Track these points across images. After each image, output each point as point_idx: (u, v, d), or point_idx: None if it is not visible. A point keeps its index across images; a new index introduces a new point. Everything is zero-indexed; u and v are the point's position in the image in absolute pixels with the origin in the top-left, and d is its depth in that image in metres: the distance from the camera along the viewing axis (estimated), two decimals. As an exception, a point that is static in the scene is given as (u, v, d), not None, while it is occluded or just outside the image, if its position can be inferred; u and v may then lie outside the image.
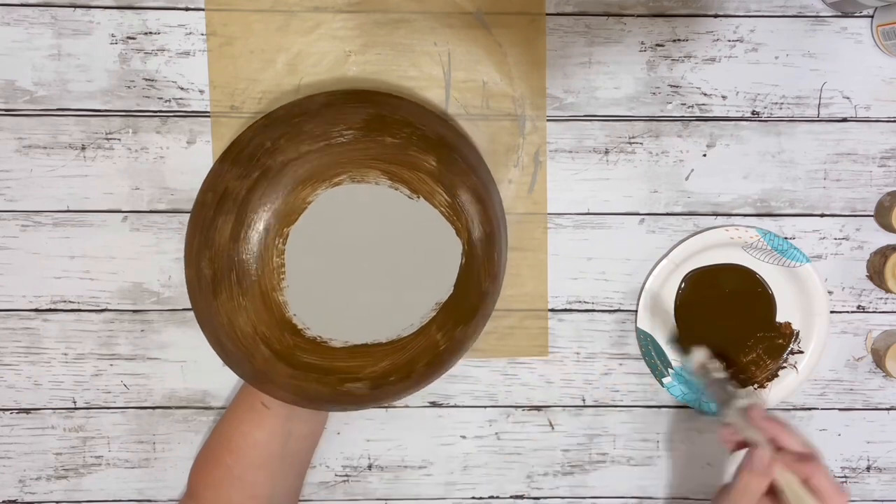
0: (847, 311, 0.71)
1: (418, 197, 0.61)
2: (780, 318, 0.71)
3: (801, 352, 0.70)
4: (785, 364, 0.71)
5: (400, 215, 0.61)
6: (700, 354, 0.66)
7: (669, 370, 0.70)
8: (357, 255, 0.61)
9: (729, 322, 0.70)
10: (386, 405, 0.68)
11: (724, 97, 0.69)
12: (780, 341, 0.71)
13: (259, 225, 0.59)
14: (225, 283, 0.60)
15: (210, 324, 0.61)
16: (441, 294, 0.62)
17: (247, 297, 0.60)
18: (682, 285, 0.70)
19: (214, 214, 0.60)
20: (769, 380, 0.71)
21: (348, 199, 0.60)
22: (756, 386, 0.71)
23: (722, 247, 0.69)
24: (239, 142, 0.61)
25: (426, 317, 0.62)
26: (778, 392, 0.70)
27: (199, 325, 0.62)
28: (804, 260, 0.69)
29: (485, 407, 0.71)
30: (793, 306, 0.70)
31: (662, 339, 0.70)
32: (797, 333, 0.71)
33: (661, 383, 0.70)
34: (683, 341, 0.69)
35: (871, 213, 0.70)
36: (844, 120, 0.69)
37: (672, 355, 0.70)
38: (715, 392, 0.64)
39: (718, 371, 0.65)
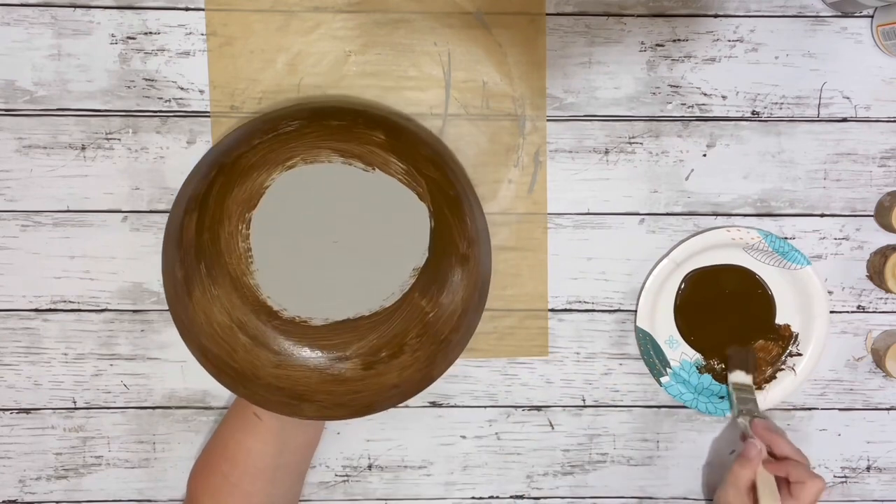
0: (847, 311, 0.71)
1: (373, 168, 0.61)
2: (780, 320, 0.71)
3: (800, 354, 0.70)
4: (783, 366, 0.71)
5: (359, 189, 0.61)
6: (745, 378, 0.70)
7: (667, 370, 0.70)
8: (324, 233, 0.61)
9: (728, 323, 0.70)
10: (395, 402, 0.64)
11: (724, 97, 0.69)
12: (780, 343, 0.71)
13: (219, 212, 0.61)
14: (196, 278, 0.60)
15: (190, 330, 0.61)
16: (417, 259, 0.61)
17: (218, 286, 0.60)
18: (682, 285, 0.70)
19: (182, 218, 0.62)
20: (767, 381, 0.71)
21: (305, 179, 0.61)
22: (754, 387, 0.71)
23: (723, 247, 0.69)
24: (201, 160, 0.65)
25: (406, 284, 0.61)
26: (776, 393, 0.70)
27: (182, 339, 0.62)
28: (805, 262, 0.69)
29: (485, 407, 0.71)
30: (793, 308, 0.70)
31: (662, 338, 0.70)
32: (796, 336, 0.71)
33: (659, 382, 0.70)
34: (739, 362, 0.71)
35: (871, 213, 0.70)
36: (844, 120, 0.69)
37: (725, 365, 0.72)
38: (740, 406, 0.68)
39: (751, 392, 0.69)
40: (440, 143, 0.67)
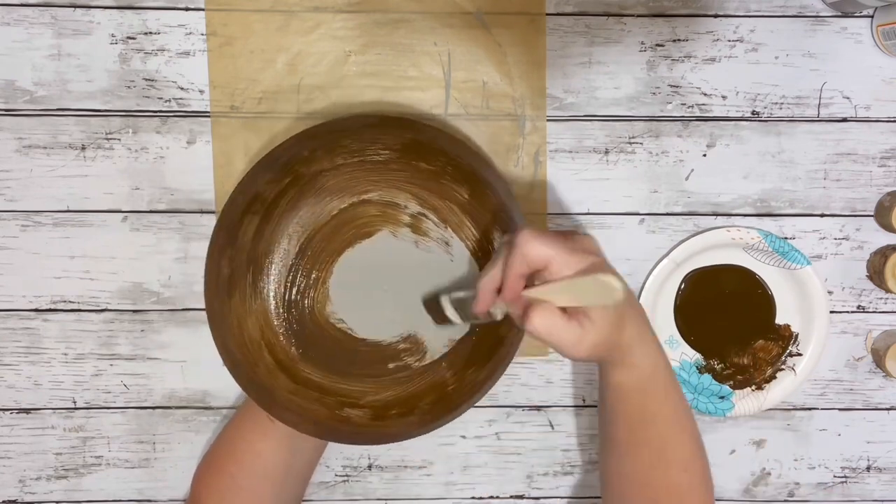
0: (847, 311, 0.71)
1: (446, 227, 0.61)
2: (780, 320, 0.71)
3: (800, 354, 0.70)
4: (783, 366, 0.71)
5: (427, 246, 0.61)
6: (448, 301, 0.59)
7: (669, 370, 0.70)
8: (377, 278, 0.61)
9: (728, 323, 0.70)
10: (386, 442, 0.64)
11: (724, 97, 0.69)
12: (780, 343, 0.71)
13: (281, 227, 0.59)
14: (240, 283, 0.60)
15: (221, 326, 0.61)
16: (457, 332, 0.62)
17: (258, 301, 0.60)
18: (682, 285, 0.70)
19: (241, 214, 0.60)
20: (767, 381, 0.71)
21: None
22: (754, 387, 0.71)
23: (723, 247, 0.69)
24: (277, 150, 0.61)
25: (437, 352, 0.62)
26: (776, 393, 0.70)
27: (209, 328, 0.61)
28: (805, 262, 0.69)
29: (485, 407, 0.71)
30: (792, 308, 0.70)
31: (662, 338, 0.70)
32: (796, 336, 0.71)
33: (661, 383, 0.70)
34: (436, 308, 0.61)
35: (871, 213, 0.70)
36: (844, 120, 0.69)
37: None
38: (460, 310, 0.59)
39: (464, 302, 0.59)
40: (513, 202, 0.65)
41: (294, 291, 0.60)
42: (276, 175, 0.60)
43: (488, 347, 0.62)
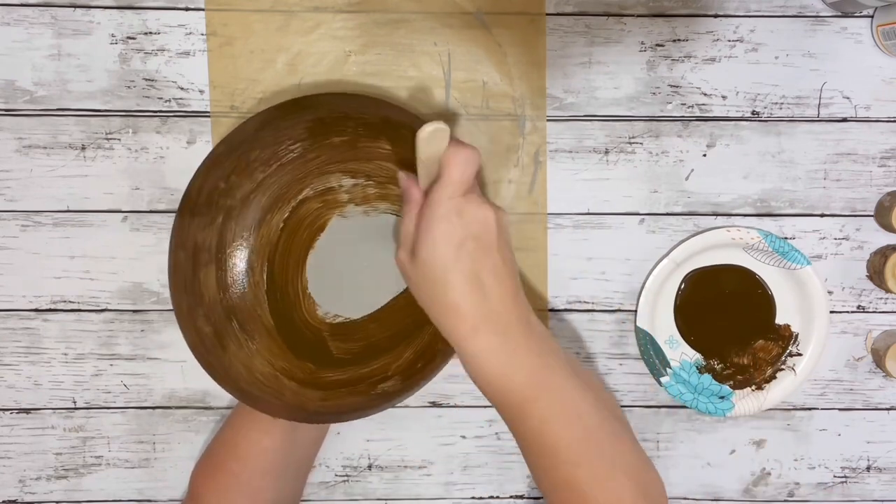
0: (847, 311, 0.71)
1: (383, 185, 0.60)
2: (780, 320, 0.71)
3: (800, 354, 0.70)
4: (783, 366, 0.71)
5: (374, 211, 0.61)
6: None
7: (668, 369, 0.70)
8: (352, 261, 0.61)
9: (728, 323, 0.70)
10: (424, 385, 0.64)
11: (724, 97, 0.69)
12: (780, 343, 0.71)
13: (241, 266, 0.59)
14: (228, 333, 0.59)
15: (226, 377, 0.60)
16: None
17: (255, 340, 0.59)
18: (682, 285, 0.70)
19: (194, 270, 0.58)
20: (767, 381, 0.71)
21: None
22: (754, 387, 0.71)
23: (723, 247, 0.69)
24: (191, 190, 0.59)
25: None
26: (776, 393, 0.70)
27: (216, 382, 0.60)
28: (805, 262, 0.69)
29: (485, 407, 0.71)
30: (792, 308, 0.70)
31: (662, 338, 0.70)
32: (796, 336, 0.71)
33: (659, 382, 0.70)
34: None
35: (871, 213, 0.70)
36: (844, 120, 0.69)
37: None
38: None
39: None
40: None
41: (282, 314, 0.60)
42: (207, 218, 0.58)
43: None
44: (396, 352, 0.62)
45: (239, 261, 0.58)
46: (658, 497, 0.56)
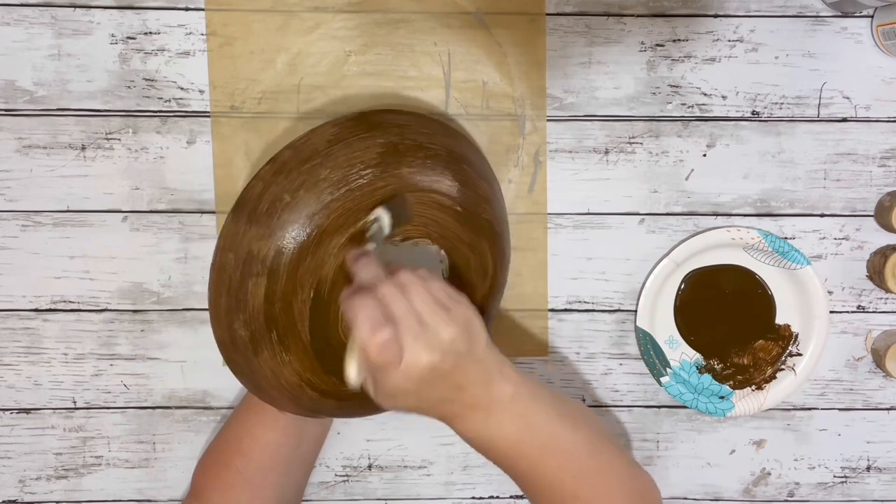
0: (847, 311, 0.71)
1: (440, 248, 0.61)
2: (780, 320, 0.71)
3: (800, 354, 0.70)
4: (783, 366, 0.71)
5: (422, 241, 0.61)
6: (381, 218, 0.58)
7: (668, 370, 0.70)
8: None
9: (728, 323, 0.70)
10: None
11: (724, 97, 0.69)
12: (780, 343, 0.71)
13: (293, 284, 0.57)
14: (265, 342, 0.58)
15: (251, 377, 0.60)
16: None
17: (291, 353, 0.58)
18: (682, 285, 0.70)
19: (242, 277, 0.56)
20: (767, 381, 0.71)
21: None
22: (754, 387, 0.71)
23: (723, 247, 0.69)
24: (251, 195, 0.57)
25: None
26: (776, 393, 0.70)
27: (234, 376, 0.60)
28: (804, 262, 0.69)
29: (485, 407, 0.71)
30: (792, 308, 0.70)
31: (661, 338, 0.70)
32: (796, 336, 0.71)
33: (659, 382, 0.70)
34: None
35: (871, 213, 0.70)
36: (844, 120, 0.69)
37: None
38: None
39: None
40: (485, 164, 0.65)
41: (321, 333, 0.59)
42: (266, 229, 0.56)
43: (495, 302, 0.64)
44: None
45: (291, 277, 0.57)
46: (652, 500, 0.59)
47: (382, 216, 0.57)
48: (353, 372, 0.52)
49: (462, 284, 0.62)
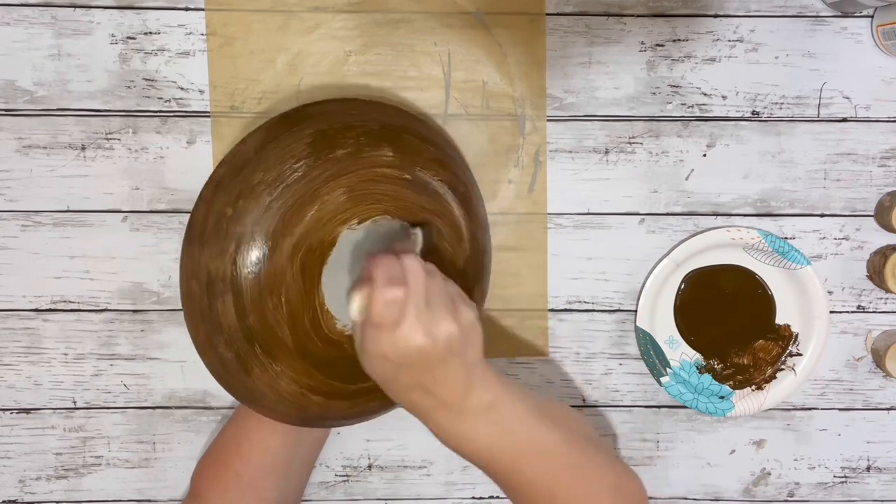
0: (847, 311, 0.71)
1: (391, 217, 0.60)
2: (780, 320, 0.71)
3: (800, 354, 0.70)
4: (783, 366, 0.71)
5: (384, 219, 0.61)
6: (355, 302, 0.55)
7: (668, 370, 0.70)
8: (357, 261, 0.61)
9: (728, 323, 0.70)
10: None
11: (724, 97, 0.69)
12: (780, 343, 0.71)
13: (258, 292, 0.57)
14: (251, 358, 0.58)
15: (250, 398, 0.60)
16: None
17: (279, 362, 0.58)
18: (682, 285, 0.70)
19: (210, 301, 0.57)
20: (767, 381, 0.71)
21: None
22: (754, 387, 0.71)
23: (722, 247, 0.69)
24: (197, 218, 0.57)
25: None
26: (776, 393, 0.70)
27: (240, 401, 0.61)
28: (805, 262, 0.69)
29: (485, 407, 0.71)
30: (792, 308, 0.70)
31: (661, 338, 0.70)
32: (796, 336, 0.71)
33: (659, 382, 0.70)
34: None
35: (871, 213, 0.70)
36: (844, 120, 0.69)
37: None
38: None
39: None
40: (442, 136, 0.65)
41: (303, 334, 0.59)
42: (218, 247, 0.56)
43: (479, 261, 0.64)
44: None
45: (255, 287, 0.57)
46: (632, 494, 0.59)
47: (418, 233, 0.59)
48: (355, 306, 0.51)
49: (439, 252, 0.62)
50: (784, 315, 0.71)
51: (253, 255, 0.56)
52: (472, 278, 0.64)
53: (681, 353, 0.71)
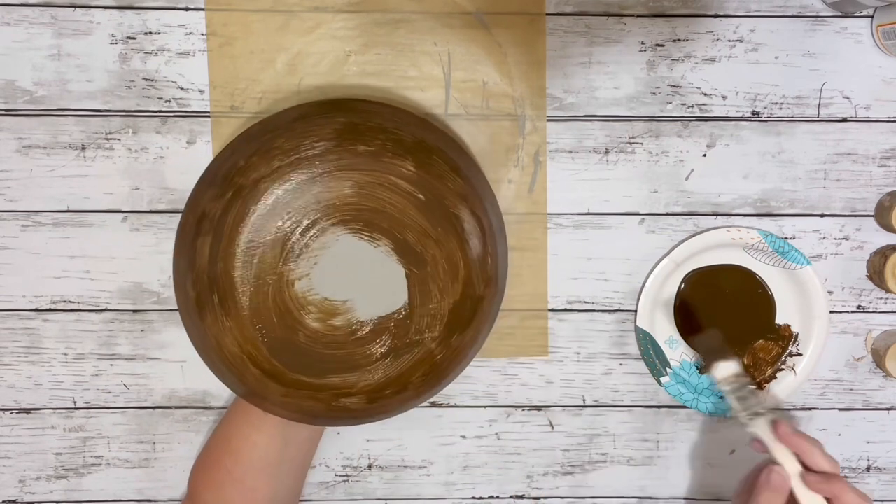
0: (847, 311, 0.71)
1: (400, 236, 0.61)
2: (780, 320, 0.71)
3: (800, 354, 0.70)
4: (783, 366, 0.71)
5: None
6: (730, 367, 0.63)
7: (667, 370, 0.70)
8: (342, 261, 0.61)
9: (728, 323, 0.70)
10: (386, 418, 0.65)
11: (724, 97, 0.69)
12: (780, 343, 0.71)
13: (235, 244, 0.59)
14: (208, 304, 0.60)
15: (201, 344, 0.62)
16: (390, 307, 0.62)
17: (231, 318, 0.60)
18: (682, 285, 0.70)
19: (194, 236, 0.60)
20: (767, 381, 0.71)
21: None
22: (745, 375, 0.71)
23: (723, 247, 0.69)
24: (216, 161, 0.61)
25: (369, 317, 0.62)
26: (776, 393, 0.70)
27: (193, 346, 0.63)
28: (805, 262, 0.69)
29: (485, 407, 0.71)
30: (792, 308, 0.70)
31: (661, 338, 0.70)
32: (796, 336, 0.71)
33: (659, 382, 0.70)
34: (716, 353, 0.65)
35: (871, 213, 0.70)
36: (844, 120, 0.69)
37: (701, 360, 0.69)
38: (741, 404, 0.63)
39: (745, 384, 0.63)
40: (473, 166, 0.65)
41: (263, 303, 0.60)
42: (219, 190, 0.60)
43: (469, 310, 0.63)
44: (369, 371, 0.62)
45: (235, 238, 0.59)
46: None
47: (723, 368, 0.63)
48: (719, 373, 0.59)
49: (426, 281, 0.62)
50: (784, 315, 0.71)
51: (244, 209, 0.59)
52: (460, 322, 0.64)
53: (681, 353, 0.71)
